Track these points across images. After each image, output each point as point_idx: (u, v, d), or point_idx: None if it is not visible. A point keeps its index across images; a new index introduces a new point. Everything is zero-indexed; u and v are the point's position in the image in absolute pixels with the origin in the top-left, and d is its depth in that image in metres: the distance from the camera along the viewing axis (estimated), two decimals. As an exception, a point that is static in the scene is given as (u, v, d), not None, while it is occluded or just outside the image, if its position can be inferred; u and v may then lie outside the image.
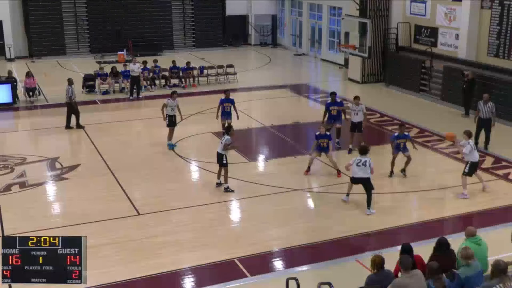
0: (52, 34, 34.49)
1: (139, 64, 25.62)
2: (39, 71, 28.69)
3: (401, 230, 13.01)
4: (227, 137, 14.86)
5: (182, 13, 37.50)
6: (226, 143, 14.80)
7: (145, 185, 15.58)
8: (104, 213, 13.67)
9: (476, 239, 9.55)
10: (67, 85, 20.48)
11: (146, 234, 12.63)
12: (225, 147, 14.81)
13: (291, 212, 13.81)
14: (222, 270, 11.26)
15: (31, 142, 20.01)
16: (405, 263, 8.38)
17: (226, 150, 14.89)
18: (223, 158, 14.88)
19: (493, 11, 22.63)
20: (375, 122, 21.35)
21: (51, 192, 15.40)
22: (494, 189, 15.14)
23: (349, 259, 11.67)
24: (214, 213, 13.80)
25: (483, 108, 17.81)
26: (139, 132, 20.80)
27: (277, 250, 12.08)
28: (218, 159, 15.03)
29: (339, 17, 31.13)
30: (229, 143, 14.81)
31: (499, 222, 13.22)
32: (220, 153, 14.90)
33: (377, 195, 14.72)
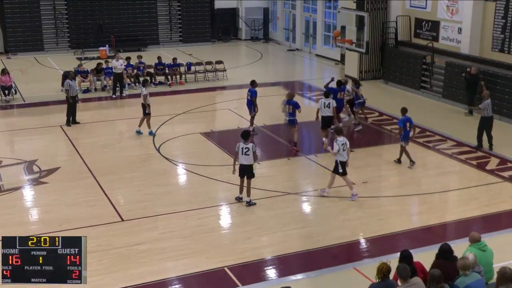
0: (29, 28, 34.33)
1: (122, 60, 25.56)
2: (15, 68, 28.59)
3: (401, 235, 13.03)
4: (252, 145, 14.26)
5: (168, 6, 37.44)
6: (254, 151, 14.16)
7: (129, 189, 15.55)
8: (86, 219, 13.62)
9: (481, 245, 9.57)
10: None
11: (130, 242, 12.60)
12: (255, 156, 14.27)
13: (285, 217, 13.81)
14: (211, 280, 11.25)
15: (7, 143, 19.91)
16: (403, 272, 8.39)
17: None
18: (252, 169, 14.32)
19: (498, 4, 22.72)
20: (374, 121, 21.40)
21: (29, 197, 15.33)
22: (500, 192, 15.20)
23: (347, 266, 11.68)
24: (202, 219, 13.78)
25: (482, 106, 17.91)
26: (122, 132, 20.74)
27: (270, 257, 12.08)
28: (245, 171, 14.22)
29: (335, 10, 31.17)
30: (255, 150, 14.27)
31: (505, 227, 13.30)
32: (249, 164, 14.21)
33: (376, 198, 14.79)
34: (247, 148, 13.96)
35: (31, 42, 34.43)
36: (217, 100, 25.34)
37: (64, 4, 35.16)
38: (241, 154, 14.03)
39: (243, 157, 14.03)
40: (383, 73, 27.62)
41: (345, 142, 14.40)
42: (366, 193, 15.08)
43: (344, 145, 14.30)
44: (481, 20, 23.56)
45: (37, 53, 33.94)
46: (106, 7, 35.72)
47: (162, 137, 19.34)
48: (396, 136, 17.64)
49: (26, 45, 34.27)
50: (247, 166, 14.09)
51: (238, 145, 14.10)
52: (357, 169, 17.04)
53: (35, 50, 34.26)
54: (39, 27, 34.68)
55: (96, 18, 35.39)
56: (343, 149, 14.32)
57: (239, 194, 14.55)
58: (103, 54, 31.66)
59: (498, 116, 21.16)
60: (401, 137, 16.83)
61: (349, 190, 14.66)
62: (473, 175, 16.47)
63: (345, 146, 14.34)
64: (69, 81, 20.67)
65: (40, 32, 34.77)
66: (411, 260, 9.10)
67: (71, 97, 20.61)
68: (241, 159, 14.10)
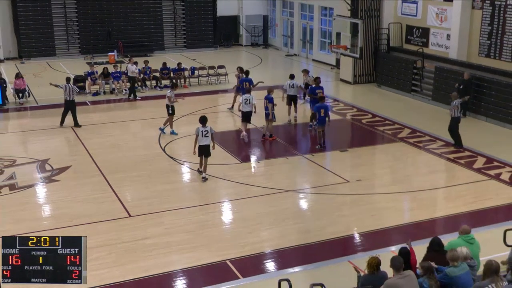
0: (42, 35, 34.32)
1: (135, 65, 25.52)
2: (28, 72, 28.59)
3: (393, 230, 13.03)
4: (210, 127, 15.55)
5: (173, 13, 37.44)
6: (212, 133, 15.57)
7: (136, 186, 15.54)
8: (95, 215, 13.63)
9: (469, 237, 9.61)
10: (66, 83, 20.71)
11: (137, 236, 12.60)
12: (213, 137, 15.71)
13: (283, 213, 13.80)
14: (214, 272, 11.25)
15: (21, 143, 19.90)
16: (396, 263, 8.40)
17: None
18: (209, 149, 15.64)
19: (484, 11, 22.73)
20: (367, 123, 21.39)
21: (41, 194, 15.32)
22: (486, 189, 15.21)
23: (342, 260, 11.67)
24: (205, 215, 13.78)
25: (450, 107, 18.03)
26: (130, 133, 20.73)
27: (269, 251, 12.07)
28: (204, 151, 15.61)
29: (331, 18, 31.18)
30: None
31: (491, 222, 13.29)
32: (207, 144, 15.57)
33: (369, 195, 14.80)
34: (206, 131, 15.37)
35: (43, 48, 34.41)
36: (219, 103, 25.32)
37: (75, 12, 35.15)
38: (201, 136, 15.38)
39: (203, 139, 15.41)
40: (376, 77, 27.59)
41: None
42: (360, 190, 15.08)
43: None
44: (469, 27, 23.56)
45: (50, 58, 33.93)
46: (114, 14, 35.69)
47: (167, 138, 19.34)
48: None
49: (39, 50, 34.24)
50: (206, 146, 15.51)
51: (198, 129, 15.42)
52: (352, 167, 17.08)
53: (48, 55, 34.24)
54: (51, 33, 34.64)
55: (105, 25, 35.37)
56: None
57: (199, 168, 15.92)
58: (111, 59, 31.65)
59: (484, 118, 21.21)
60: (317, 122, 18.06)
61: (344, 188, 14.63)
62: (461, 173, 16.45)
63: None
64: (63, 85, 20.67)
65: (52, 38, 34.74)
66: (409, 257, 9.11)
67: (67, 101, 20.58)
68: (201, 140, 15.42)
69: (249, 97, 18.85)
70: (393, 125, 20.90)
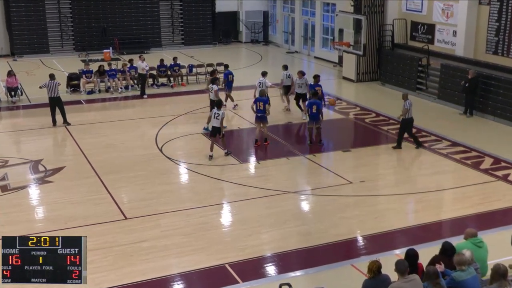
0: (35, 31, 34.31)
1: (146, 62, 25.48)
2: (21, 70, 28.59)
3: (398, 233, 13.04)
4: (223, 111, 17.30)
5: (170, 9, 37.43)
6: (223, 117, 17.20)
7: (132, 188, 15.55)
8: (90, 218, 13.63)
9: (477, 240, 9.57)
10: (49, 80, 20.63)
11: (133, 239, 12.60)
12: (222, 121, 17.18)
13: (284, 215, 13.81)
14: (213, 276, 11.25)
15: (13, 143, 19.90)
16: (400, 267, 8.41)
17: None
18: (219, 130, 17.19)
19: (492, 7, 22.73)
20: (370, 122, 21.40)
21: (35, 196, 15.32)
22: (493, 191, 15.22)
23: (344, 263, 11.68)
24: (204, 217, 13.78)
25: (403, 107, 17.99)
26: (125, 133, 20.70)
27: (270, 254, 12.08)
28: (215, 131, 17.25)
29: (333, 14, 31.17)
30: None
31: (498, 225, 13.28)
32: (218, 126, 17.09)
33: (373, 197, 14.81)
34: (218, 114, 17.08)
35: (36, 45, 34.44)
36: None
37: (69, 7, 35.15)
38: (213, 118, 17.17)
39: (214, 120, 17.14)
40: (380, 75, 27.60)
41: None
42: (363, 191, 15.09)
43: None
44: (476, 23, 23.55)
45: (43, 56, 33.95)
46: (109, 10, 35.69)
47: (164, 137, 19.34)
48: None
49: (32, 47, 34.27)
50: (216, 128, 17.19)
51: (213, 111, 17.33)
52: (355, 168, 17.09)
53: (41, 52, 34.26)
54: (44, 30, 34.66)
55: (100, 21, 35.39)
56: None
57: (210, 152, 17.28)
58: (107, 56, 31.67)
59: (492, 117, 21.22)
60: (309, 119, 18.65)
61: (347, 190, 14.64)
62: (468, 174, 16.46)
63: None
64: (46, 82, 20.65)
65: (46, 35, 34.75)
66: (415, 260, 9.11)
67: (52, 98, 20.56)
68: (213, 122, 17.18)
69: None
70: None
